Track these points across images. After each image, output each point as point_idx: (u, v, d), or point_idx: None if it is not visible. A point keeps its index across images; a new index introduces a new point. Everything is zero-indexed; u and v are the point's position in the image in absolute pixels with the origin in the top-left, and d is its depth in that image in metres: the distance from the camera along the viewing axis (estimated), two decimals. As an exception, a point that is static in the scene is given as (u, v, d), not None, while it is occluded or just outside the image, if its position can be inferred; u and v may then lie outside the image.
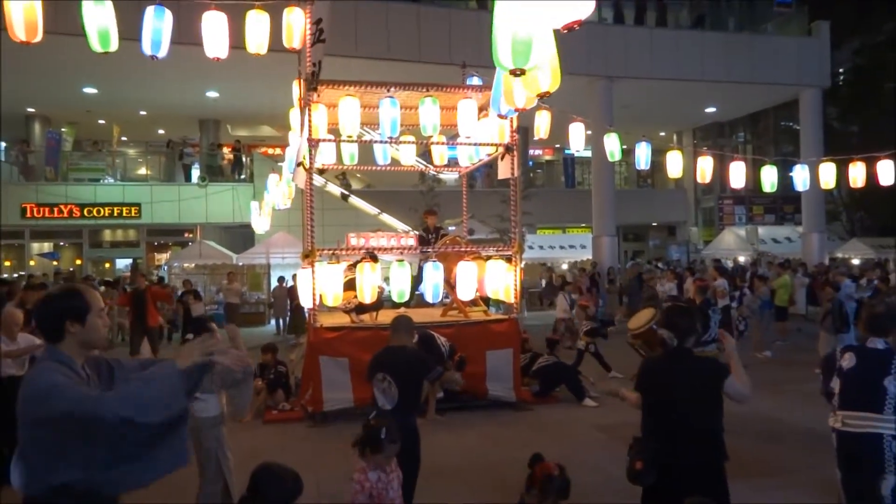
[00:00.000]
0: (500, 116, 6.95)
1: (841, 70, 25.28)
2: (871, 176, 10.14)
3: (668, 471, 3.34)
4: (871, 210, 24.28)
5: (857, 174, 10.30)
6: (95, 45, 5.54)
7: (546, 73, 4.28)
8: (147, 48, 5.86)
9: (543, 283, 20.36)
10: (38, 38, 5.44)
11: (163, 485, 2.36)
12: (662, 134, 26.63)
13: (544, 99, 5.46)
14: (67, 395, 2.13)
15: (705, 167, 10.53)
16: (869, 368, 3.60)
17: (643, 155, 10.21)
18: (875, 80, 23.70)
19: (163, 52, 5.93)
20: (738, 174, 10.65)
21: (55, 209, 19.88)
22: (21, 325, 5.99)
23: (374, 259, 8.19)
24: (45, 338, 2.37)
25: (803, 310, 14.49)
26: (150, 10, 5.87)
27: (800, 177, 10.93)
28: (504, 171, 9.03)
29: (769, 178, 10.50)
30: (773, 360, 11.41)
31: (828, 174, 10.60)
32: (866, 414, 3.56)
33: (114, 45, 5.60)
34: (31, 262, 21.51)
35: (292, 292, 15.04)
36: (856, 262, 21.61)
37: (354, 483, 3.51)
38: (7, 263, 21.56)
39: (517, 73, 3.61)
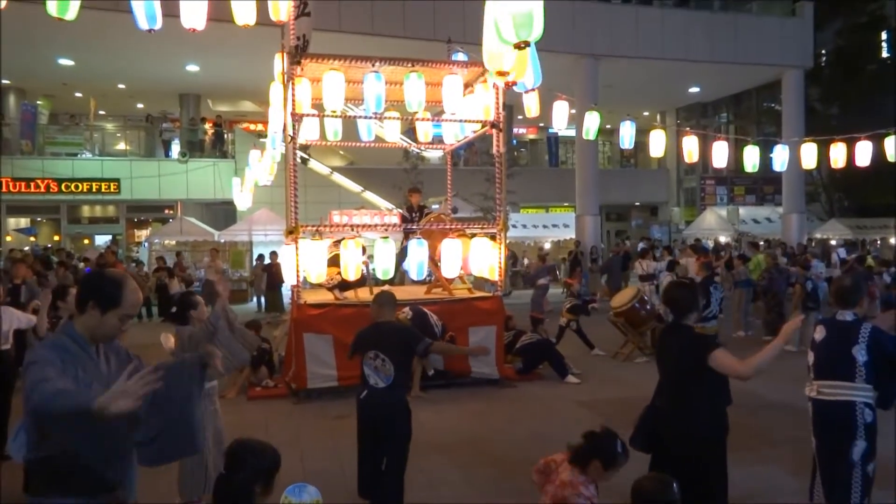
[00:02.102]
0: (508, 84, 6.89)
1: (823, 51, 25.40)
2: (851, 157, 10.24)
3: (665, 440, 3.52)
4: (850, 191, 24.56)
5: (837, 155, 10.39)
6: (52, 10, 5.36)
7: (510, 55, 4.32)
8: (142, 22, 5.71)
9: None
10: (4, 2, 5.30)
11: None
12: (646, 113, 26.68)
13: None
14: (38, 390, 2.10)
15: (689, 147, 10.57)
16: (838, 339, 3.76)
17: (627, 134, 10.21)
18: (856, 61, 23.85)
19: (158, 24, 5.78)
20: (720, 154, 10.70)
21: (32, 184, 19.51)
22: (2, 299, 5.91)
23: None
24: (77, 307, 2.39)
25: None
26: (139, -19, 5.71)
27: (780, 157, 11.00)
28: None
29: (751, 158, 10.55)
30: (748, 338, 11.57)
31: (809, 155, 10.68)
32: (839, 383, 3.70)
33: (72, 14, 5.42)
34: (8, 238, 21.15)
35: (269, 270, 14.93)
36: (834, 242, 21.93)
37: (580, 498, 2.94)
38: (-17, 239, 21.21)
39: (521, 45, 3.63)
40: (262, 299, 16.19)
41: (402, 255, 8.95)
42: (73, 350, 2.28)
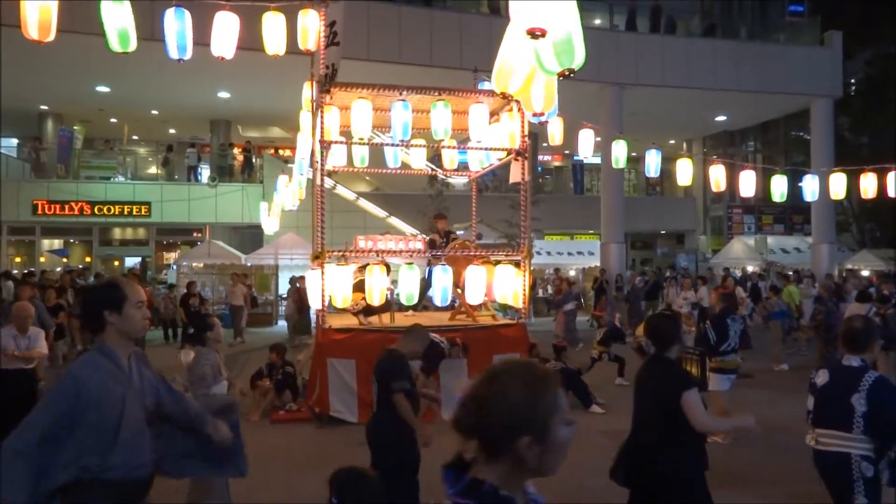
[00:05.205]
0: (541, 123, 6.97)
1: (853, 80, 25.19)
2: (882, 187, 10.10)
3: (644, 475, 3.44)
4: (882, 221, 24.14)
5: (867, 185, 10.27)
6: (115, 46, 5.59)
7: (539, 94, 4.30)
8: (173, 52, 5.89)
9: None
10: (51, 37, 5.49)
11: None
12: (672, 142, 26.60)
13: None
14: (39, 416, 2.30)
15: (716, 176, 10.51)
16: (840, 386, 3.52)
17: (653, 162, 10.20)
18: (886, 90, 23.61)
19: (188, 55, 5.97)
20: (747, 183, 10.61)
21: (66, 206, 20.02)
22: (32, 318, 6.04)
23: (387, 266, 8.25)
24: (90, 330, 2.56)
25: (809, 321, 14.29)
26: (170, 13, 5.90)
27: (810, 187, 10.89)
28: (516, 174, 9.04)
29: (779, 187, 10.47)
30: (790, 371, 11.30)
31: (838, 185, 10.57)
32: (836, 432, 3.48)
33: (133, 45, 5.65)
34: (42, 259, 21.64)
35: (297, 294, 15.00)
36: (865, 273, 21.51)
37: None
38: (17, 259, 21.71)
39: (566, 74, 3.57)
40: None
41: (426, 280, 8.98)
42: (106, 367, 2.40)
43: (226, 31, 6.40)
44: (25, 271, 18.37)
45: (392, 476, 4.07)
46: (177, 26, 5.83)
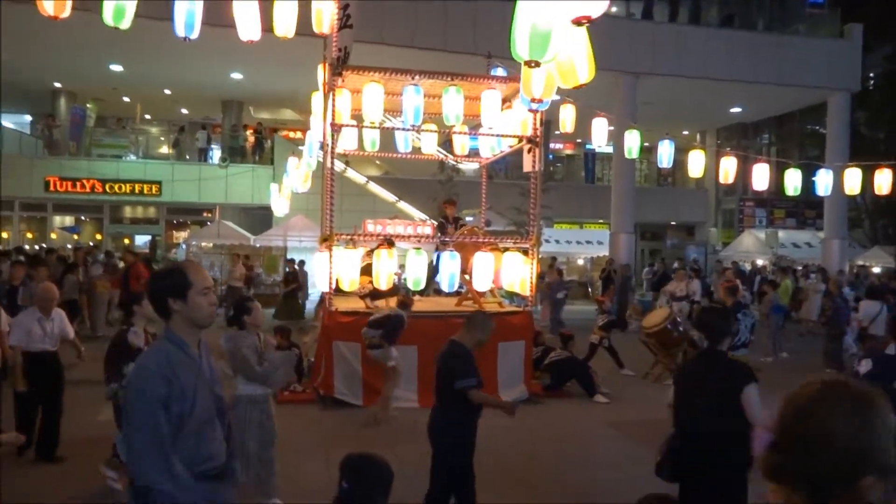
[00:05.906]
0: (531, 111, 6.92)
1: (871, 74, 24.87)
2: (897, 183, 10.01)
3: (694, 471, 3.40)
4: (895, 218, 23.94)
5: (882, 181, 10.17)
6: (108, 19, 5.55)
7: (583, 64, 4.24)
8: (180, 29, 5.87)
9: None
10: (66, 13, 5.48)
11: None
12: (685, 133, 26.38)
13: (568, 92, 5.47)
14: (140, 418, 2.23)
15: (728, 168, 10.43)
16: (882, 373, 3.67)
17: (665, 153, 10.13)
18: (906, 86, 23.32)
19: (195, 34, 5.95)
20: (760, 176, 10.54)
21: (78, 184, 20.14)
22: (56, 299, 5.96)
23: (391, 245, 8.21)
24: (159, 316, 2.44)
25: (815, 316, 14.14)
26: (182, -9, 5.89)
27: (823, 182, 10.80)
28: (529, 163, 9.00)
29: (793, 181, 10.38)
30: (776, 363, 11.32)
31: (853, 180, 10.47)
32: None
33: (126, 23, 5.61)
34: (53, 235, 21.81)
35: (286, 278, 14.87)
36: (876, 270, 21.37)
37: None
38: (29, 235, 21.89)
39: (532, 64, 3.60)
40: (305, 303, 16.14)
41: (434, 267, 8.99)
42: (176, 357, 2.32)
43: (248, 14, 6.37)
44: (37, 246, 18.54)
45: (446, 462, 4.20)
46: (187, 5, 5.81)
